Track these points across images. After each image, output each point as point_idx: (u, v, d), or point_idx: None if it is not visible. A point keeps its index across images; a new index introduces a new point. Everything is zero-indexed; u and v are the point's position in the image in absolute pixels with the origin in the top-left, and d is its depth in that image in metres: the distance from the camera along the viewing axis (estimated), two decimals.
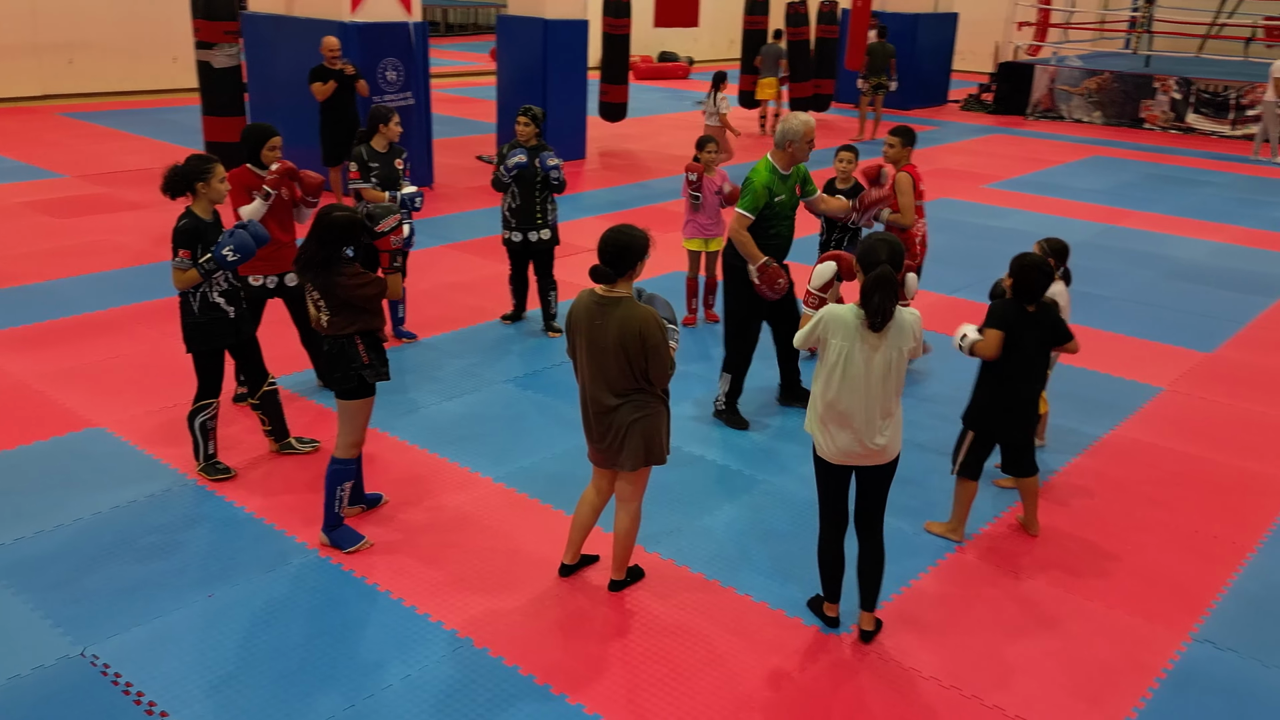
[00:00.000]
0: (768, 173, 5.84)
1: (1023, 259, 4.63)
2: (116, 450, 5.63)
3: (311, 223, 4.46)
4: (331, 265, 4.43)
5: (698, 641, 4.19)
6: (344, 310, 4.52)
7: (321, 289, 4.47)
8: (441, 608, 4.36)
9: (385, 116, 6.92)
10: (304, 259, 4.47)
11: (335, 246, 4.43)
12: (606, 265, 4.08)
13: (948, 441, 5.27)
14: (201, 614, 4.27)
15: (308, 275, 4.47)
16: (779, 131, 5.82)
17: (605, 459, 4.30)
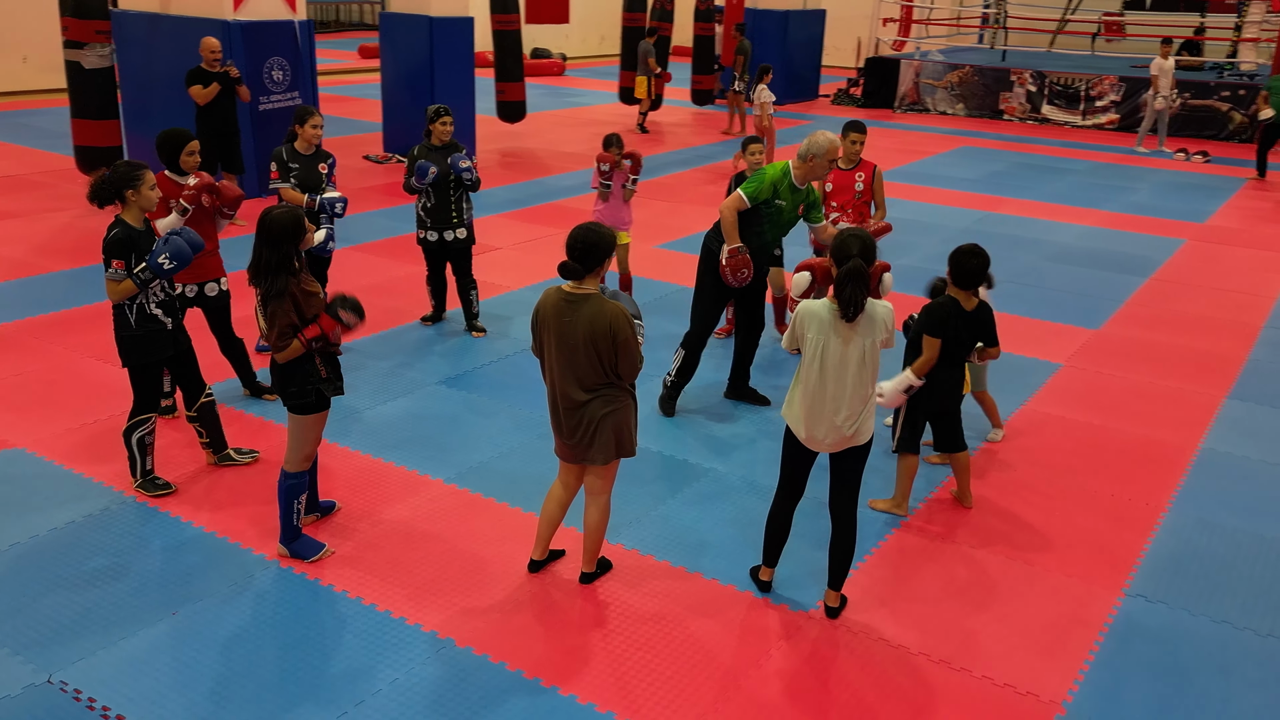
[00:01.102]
0: (781, 174, 5.87)
1: (958, 249, 4.89)
2: (41, 470, 5.40)
3: (256, 228, 4.39)
4: (282, 270, 4.35)
5: (675, 627, 4.31)
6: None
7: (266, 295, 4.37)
8: (417, 610, 4.36)
9: (303, 116, 6.74)
10: (255, 265, 4.39)
11: (284, 246, 4.35)
12: (575, 262, 4.15)
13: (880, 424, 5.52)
14: (169, 633, 4.17)
15: (260, 282, 4.38)
16: (804, 145, 5.82)
17: (575, 454, 4.37)
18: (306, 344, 4.37)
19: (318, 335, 4.39)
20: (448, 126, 7.33)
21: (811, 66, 22.51)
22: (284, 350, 4.37)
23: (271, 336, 4.36)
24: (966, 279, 4.85)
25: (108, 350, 6.96)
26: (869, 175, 6.98)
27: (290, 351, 4.38)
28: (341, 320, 4.45)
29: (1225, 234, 11.47)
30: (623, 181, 7.85)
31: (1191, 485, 5.67)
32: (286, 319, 4.32)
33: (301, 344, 4.37)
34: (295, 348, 4.38)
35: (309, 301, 4.41)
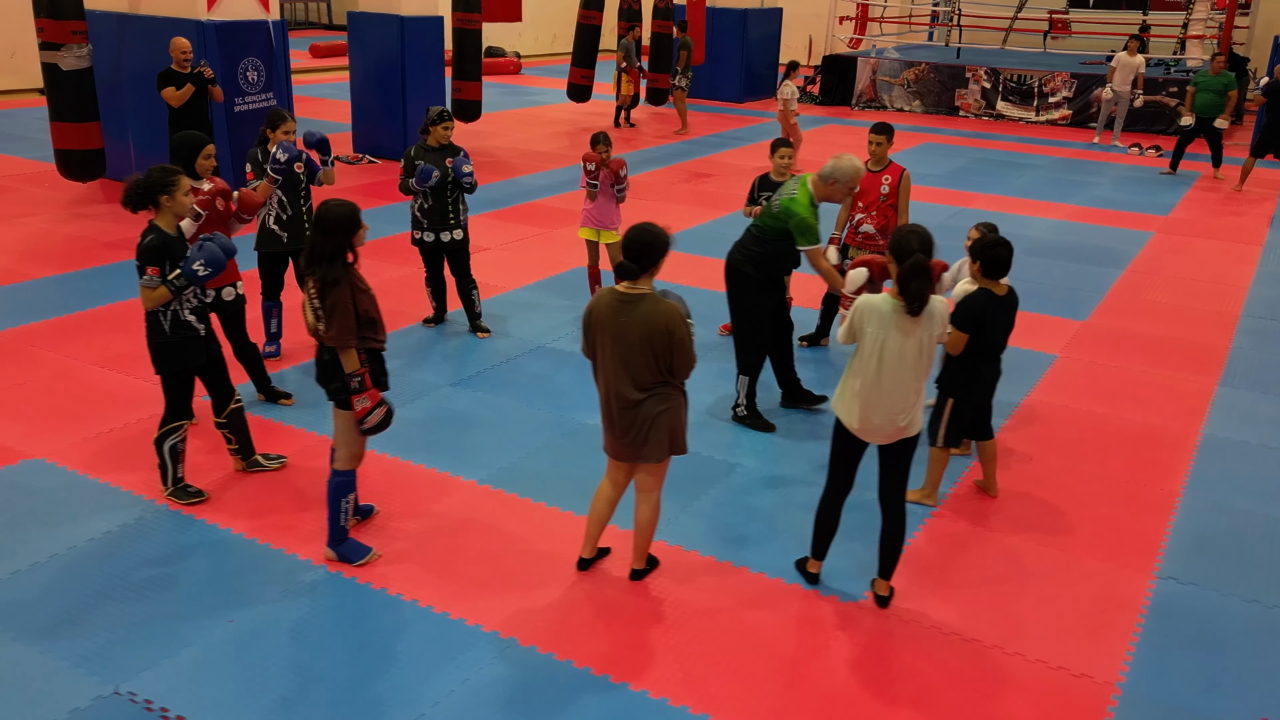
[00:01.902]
0: (810, 206, 5.77)
1: (984, 241, 5.02)
2: (67, 481, 5.32)
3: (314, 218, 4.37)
4: (337, 259, 4.34)
5: (731, 620, 4.38)
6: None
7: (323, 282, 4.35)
8: (474, 611, 4.38)
9: (276, 121, 6.61)
10: (312, 253, 4.36)
11: (339, 236, 4.34)
12: (631, 261, 4.20)
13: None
14: (229, 640, 4.14)
15: (316, 269, 4.35)
16: (829, 166, 5.75)
17: (628, 452, 4.41)
18: (349, 384, 4.40)
19: (367, 411, 4.43)
20: (449, 130, 7.31)
21: (769, 65, 22.70)
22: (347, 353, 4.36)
23: (330, 333, 4.33)
24: (997, 268, 4.98)
25: (110, 357, 6.87)
26: (896, 178, 7.06)
27: (348, 356, 4.37)
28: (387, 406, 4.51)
29: (1189, 226, 11.82)
30: (610, 181, 7.89)
31: (1200, 471, 5.87)
32: (347, 316, 4.30)
33: (358, 362, 4.39)
34: (351, 358, 4.37)
35: (362, 298, 4.40)
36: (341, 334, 4.33)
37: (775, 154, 7.18)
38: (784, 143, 7.23)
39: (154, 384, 6.40)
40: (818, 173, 5.83)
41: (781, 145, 7.20)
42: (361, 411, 4.41)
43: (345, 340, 4.34)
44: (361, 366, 4.42)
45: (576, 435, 6.07)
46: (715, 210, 11.92)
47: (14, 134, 14.85)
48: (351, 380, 4.39)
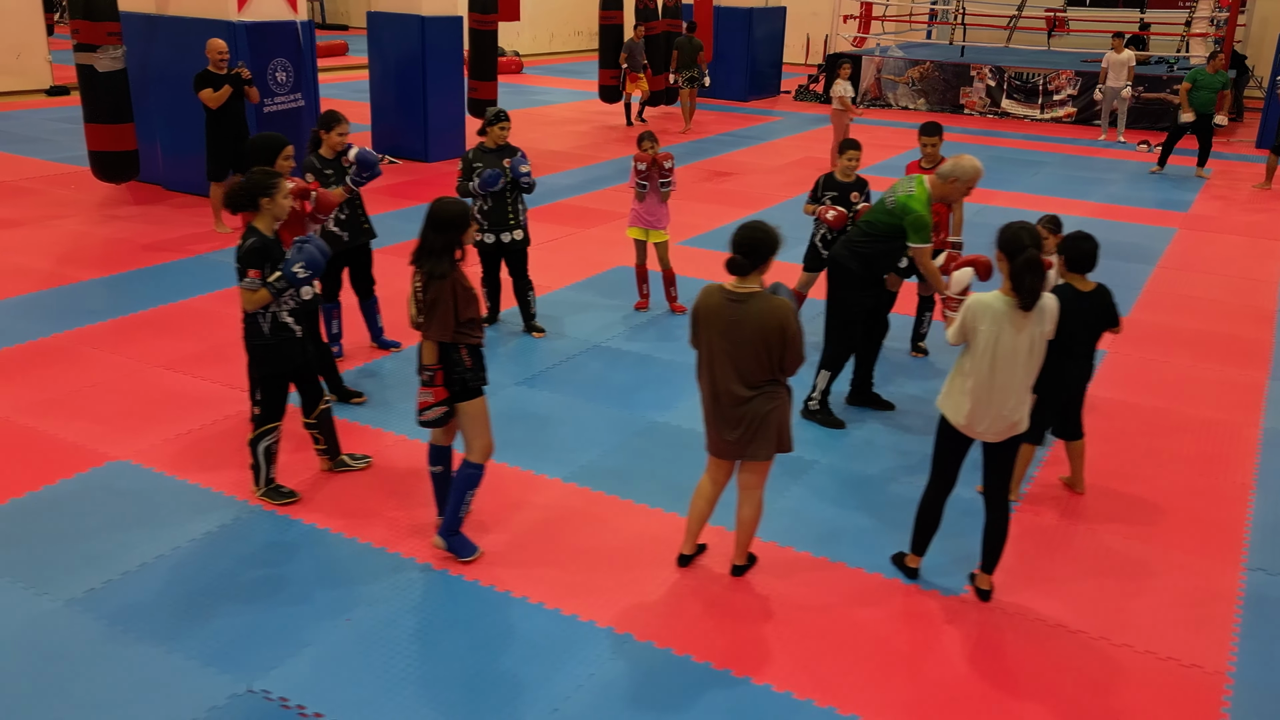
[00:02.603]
0: (926, 204, 5.77)
1: (1071, 236, 5.10)
2: (156, 484, 5.33)
3: (427, 213, 4.41)
4: (445, 255, 4.38)
5: (841, 615, 4.44)
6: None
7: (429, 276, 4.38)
8: (585, 607, 4.43)
9: (330, 123, 6.61)
10: (421, 247, 4.40)
11: (450, 233, 4.38)
12: (743, 257, 4.25)
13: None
14: (351, 638, 4.18)
15: (424, 262, 4.39)
16: (949, 165, 5.74)
17: (735, 449, 4.46)
18: (428, 375, 4.45)
19: (428, 405, 4.48)
20: (505, 130, 7.34)
21: (773, 63, 22.80)
22: (429, 345, 4.42)
23: (430, 328, 4.37)
24: (1084, 262, 5.05)
25: (173, 359, 6.88)
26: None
27: (430, 349, 4.43)
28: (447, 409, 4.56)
29: (1210, 222, 11.96)
30: (657, 177, 7.94)
31: (1269, 463, 5.98)
32: (447, 312, 4.35)
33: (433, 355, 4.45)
34: (431, 351, 4.43)
35: (467, 297, 4.44)
36: (439, 328, 4.38)
37: (844, 155, 7.24)
38: (852, 144, 7.29)
39: (222, 385, 6.45)
40: (937, 171, 5.83)
41: (850, 147, 7.26)
42: (424, 404, 4.47)
43: (441, 334, 4.39)
44: (470, 361, 4.47)
45: (650, 434, 6.12)
46: (741, 209, 11.96)
47: (28, 135, 14.77)
48: (424, 372, 4.44)
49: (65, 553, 4.68)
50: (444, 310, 4.34)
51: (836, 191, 7.29)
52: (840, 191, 7.30)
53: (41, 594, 4.37)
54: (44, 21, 18.95)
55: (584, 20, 33.40)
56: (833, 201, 7.34)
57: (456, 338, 4.41)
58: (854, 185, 7.32)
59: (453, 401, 4.52)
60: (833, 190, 7.29)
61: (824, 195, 7.33)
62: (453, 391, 4.50)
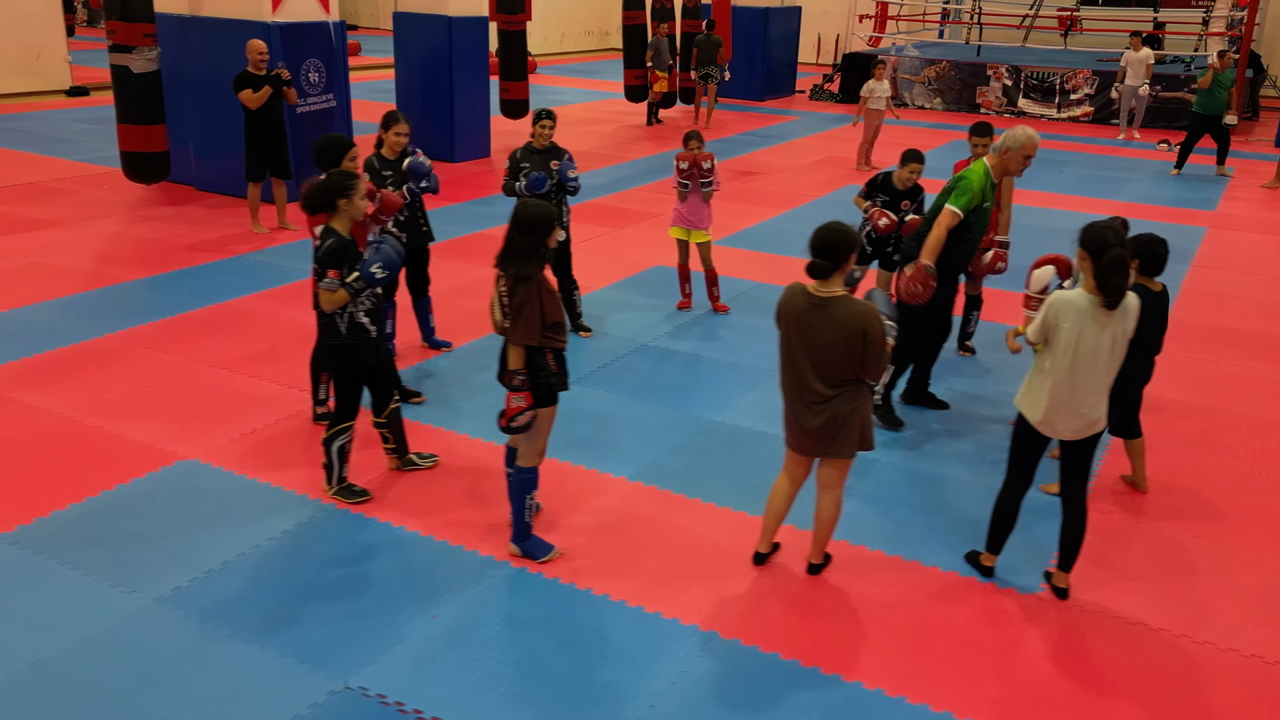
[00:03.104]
0: (984, 176, 5.77)
1: (1145, 238, 5.13)
2: (227, 482, 5.37)
3: (512, 216, 4.44)
4: (531, 258, 4.41)
5: (923, 613, 4.48)
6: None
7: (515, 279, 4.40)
8: (668, 605, 4.47)
9: (389, 123, 6.66)
10: (507, 250, 4.42)
11: (535, 235, 4.40)
12: (822, 259, 4.29)
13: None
14: (441, 635, 4.21)
15: (510, 265, 4.41)
16: (1001, 138, 5.74)
17: (816, 447, 4.49)
18: (519, 380, 4.46)
19: (519, 410, 4.47)
20: (546, 129, 7.37)
21: (787, 63, 22.83)
22: (516, 350, 4.44)
23: (517, 332, 4.40)
24: (1157, 265, 5.09)
25: (228, 360, 6.91)
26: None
27: (517, 353, 4.45)
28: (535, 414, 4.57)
29: (1240, 221, 12.00)
30: (698, 177, 7.98)
31: None
32: (534, 315, 4.37)
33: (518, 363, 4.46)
34: (519, 355, 4.44)
35: (552, 300, 4.47)
36: (526, 332, 4.40)
37: (905, 167, 7.28)
38: (915, 156, 7.29)
39: (280, 385, 6.49)
40: (991, 147, 5.81)
41: (912, 159, 7.28)
42: (514, 410, 4.47)
43: (528, 338, 4.41)
44: (555, 365, 4.50)
45: (709, 433, 6.15)
46: (771, 208, 12.02)
47: (51, 136, 14.81)
48: (515, 378, 4.46)
49: (148, 551, 4.71)
50: (531, 314, 4.37)
51: (889, 196, 7.33)
52: (893, 197, 7.35)
53: (130, 592, 4.41)
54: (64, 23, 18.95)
55: (594, 20, 33.45)
56: (884, 206, 7.39)
57: (543, 341, 4.44)
58: (907, 193, 7.37)
59: (536, 406, 4.55)
60: (886, 194, 7.34)
61: (877, 196, 7.38)
62: (537, 396, 4.53)
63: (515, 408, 4.44)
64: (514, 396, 4.43)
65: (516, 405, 4.44)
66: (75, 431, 5.84)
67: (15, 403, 6.16)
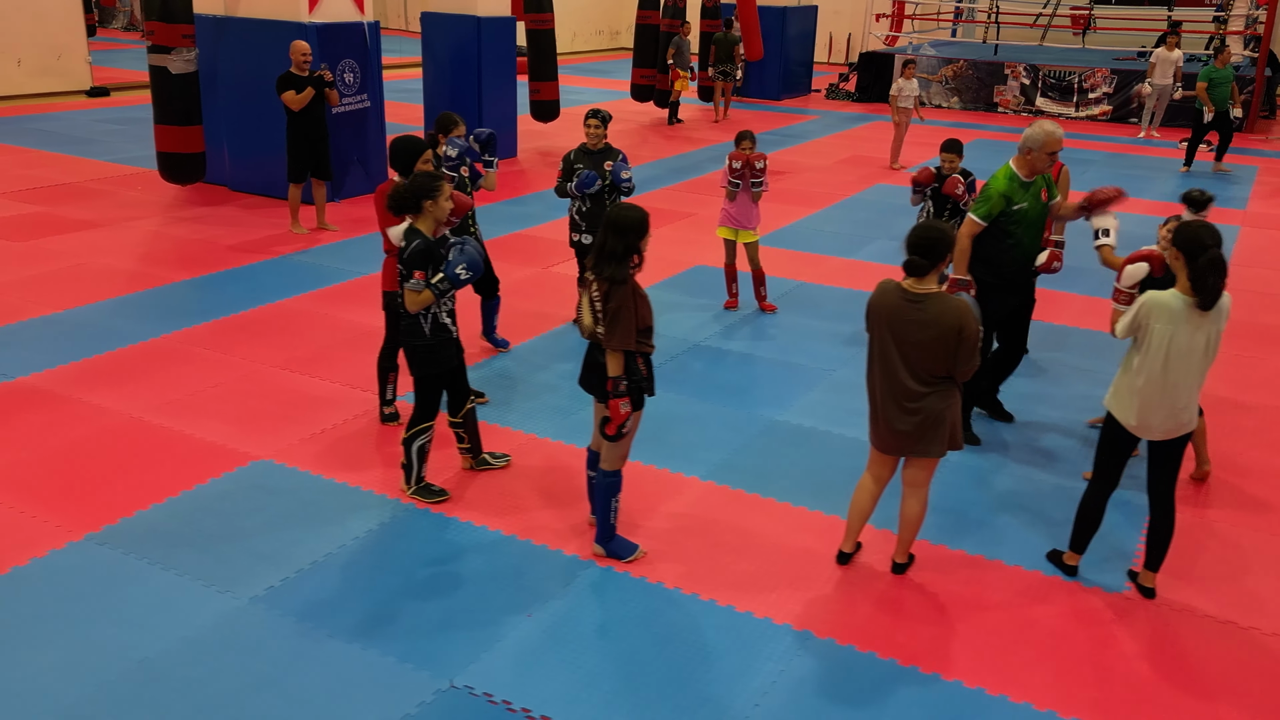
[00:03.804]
0: (1006, 180, 5.75)
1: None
2: (304, 482, 5.39)
3: (605, 219, 4.45)
4: (625, 261, 4.42)
5: (1010, 612, 4.50)
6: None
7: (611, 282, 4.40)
8: (757, 604, 4.49)
9: (448, 125, 6.70)
10: (600, 253, 4.44)
11: (629, 237, 4.41)
12: (920, 257, 4.31)
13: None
14: (538, 635, 4.23)
15: (604, 269, 4.42)
16: (1023, 137, 5.78)
17: (904, 445, 4.51)
18: (617, 387, 4.46)
19: (625, 415, 4.47)
20: (596, 130, 7.40)
21: (804, 62, 22.85)
22: (615, 356, 4.44)
23: (614, 338, 4.40)
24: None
25: (287, 360, 6.94)
26: (1055, 174, 7.15)
27: (616, 359, 4.46)
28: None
29: (1272, 219, 12.02)
30: (749, 177, 8.01)
31: None
32: (630, 319, 4.39)
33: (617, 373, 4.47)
34: (619, 361, 4.45)
35: (645, 304, 4.48)
36: (623, 337, 4.41)
37: (943, 159, 7.39)
38: (954, 146, 7.42)
39: (342, 385, 6.50)
40: (1018, 148, 5.84)
41: (949, 149, 7.41)
42: (624, 415, 4.48)
43: (624, 343, 4.43)
44: (645, 370, 4.52)
45: (773, 432, 6.18)
46: (804, 207, 12.05)
47: (77, 137, 14.81)
48: (618, 384, 4.47)
49: (235, 551, 4.73)
50: (628, 318, 4.38)
51: (938, 181, 7.49)
52: (941, 182, 7.50)
53: (224, 591, 4.43)
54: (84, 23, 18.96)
55: (605, 19, 33.47)
56: (933, 197, 7.53)
57: (638, 346, 4.46)
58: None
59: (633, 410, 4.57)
60: (937, 184, 7.47)
61: (926, 190, 7.50)
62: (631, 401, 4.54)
63: (622, 414, 4.45)
64: (617, 403, 4.44)
65: (625, 411, 4.45)
66: (145, 432, 5.86)
67: (83, 403, 6.18)
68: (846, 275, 9.42)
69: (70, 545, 4.73)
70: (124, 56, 24.06)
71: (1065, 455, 5.98)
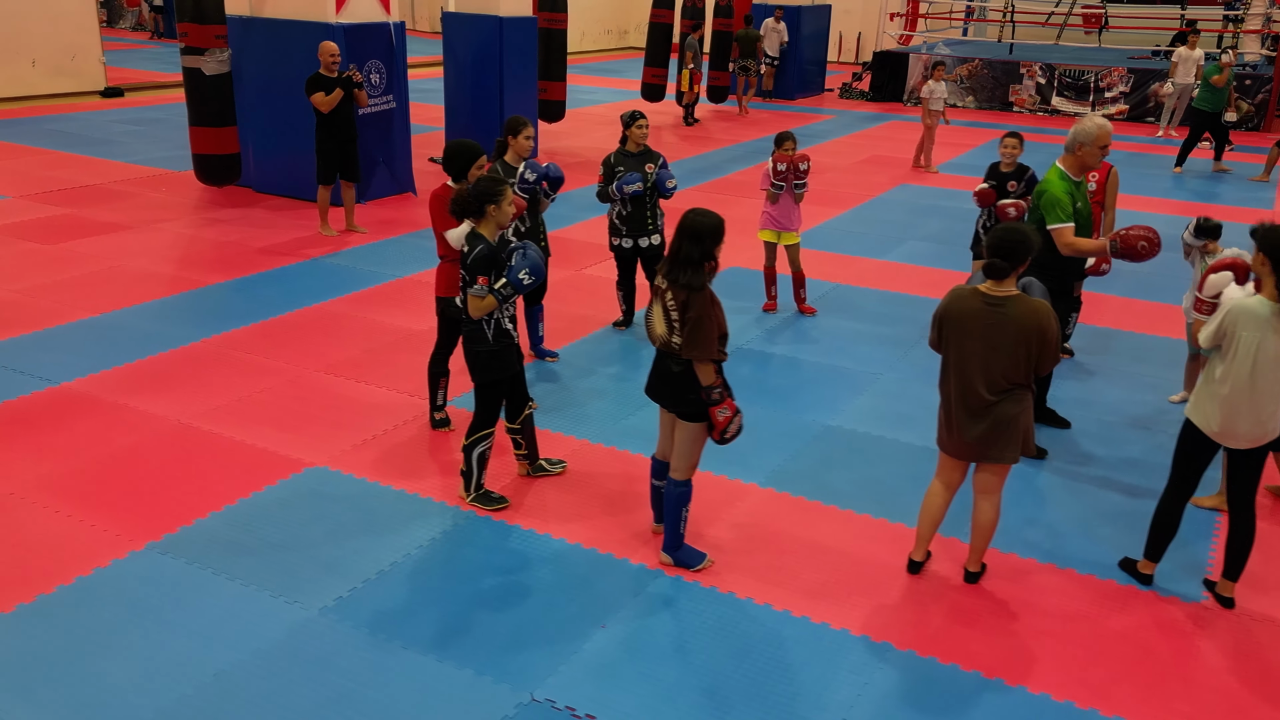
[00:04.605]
0: (1061, 180, 5.61)
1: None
2: (362, 489, 5.32)
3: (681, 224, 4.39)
4: (702, 265, 4.36)
5: (1090, 623, 4.43)
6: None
7: (688, 289, 4.34)
8: (831, 614, 4.42)
9: (517, 127, 6.67)
10: (675, 259, 4.37)
11: (706, 243, 4.35)
12: (1002, 260, 4.24)
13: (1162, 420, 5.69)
14: (614, 646, 4.17)
15: (680, 275, 4.35)
16: (1070, 134, 5.67)
17: (976, 452, 4.44)
18: (710, 395, 4.39)
19: (728, 421, 4.40)
20: (644, 130, 7.34)
21: (817, 61, 22.79)
22: (704, 365, 4.38)
23: (695, 348, 4.33)
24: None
25: (331, 364, 6.87)
26: (1104, 176, 7.11)
27: (705, 369, 4.39)
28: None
29: None
30: (792, 179, 7.95)
31: None
32: (710, 327, 4.32)
33: (716, 383, 4.39)
34: (708, 370, 4.38)
35: (718, 310, 4.42)
36: (705, 346, 4.34)
37: (1001, 145, 7.43)
38: (1012, 134, 7.54)
39: (389, 390, 6.45)
40: (1064, 146, 5.72)
41: (1009, 136, 7.53)
42: (724, 422, 4.42)
43: (706, 353, 4.36)
44: (717, 377, 4.45)
45: (827, 438, 6.12)
46: (832, 208, 11.99)
47: (95, 138, 14.75)
48: (712, 393, 4.40)
49: (299, 560, 4.67)
50: (709, 326, 4.31)
51: (995, 180, 7.49)
52: (999, 180, 7.51)
53: (293, 602, 4.36)
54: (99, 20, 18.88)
55: (614, 19, 33.42)
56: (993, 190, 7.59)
57: (717, 356, 4.39)
58: (1013, 174, 7.51)
59: (693, 420, 4.49)
60: (994, 179, 7.50)
61: (987, 182, 7.54)
62: (697, 411, 4.47)
63: (724, 419, 4.38)
64: (719, 410, 4.37)
65: (725, 417, 4.38)
66: (195, 438, 5.80)
67: (130, 409, 6.12)
68: (882, 277, 9.36)
69: (133, 554, 4.67)
70: (135, 57, 24.03)
71: (1125, 459, 5.91)
